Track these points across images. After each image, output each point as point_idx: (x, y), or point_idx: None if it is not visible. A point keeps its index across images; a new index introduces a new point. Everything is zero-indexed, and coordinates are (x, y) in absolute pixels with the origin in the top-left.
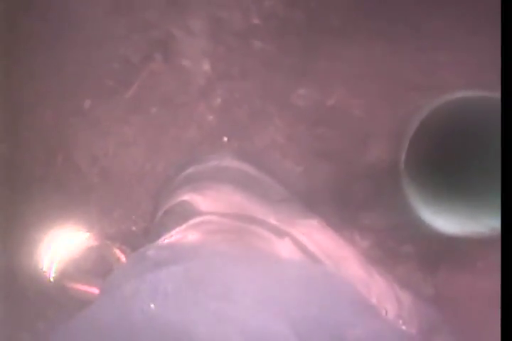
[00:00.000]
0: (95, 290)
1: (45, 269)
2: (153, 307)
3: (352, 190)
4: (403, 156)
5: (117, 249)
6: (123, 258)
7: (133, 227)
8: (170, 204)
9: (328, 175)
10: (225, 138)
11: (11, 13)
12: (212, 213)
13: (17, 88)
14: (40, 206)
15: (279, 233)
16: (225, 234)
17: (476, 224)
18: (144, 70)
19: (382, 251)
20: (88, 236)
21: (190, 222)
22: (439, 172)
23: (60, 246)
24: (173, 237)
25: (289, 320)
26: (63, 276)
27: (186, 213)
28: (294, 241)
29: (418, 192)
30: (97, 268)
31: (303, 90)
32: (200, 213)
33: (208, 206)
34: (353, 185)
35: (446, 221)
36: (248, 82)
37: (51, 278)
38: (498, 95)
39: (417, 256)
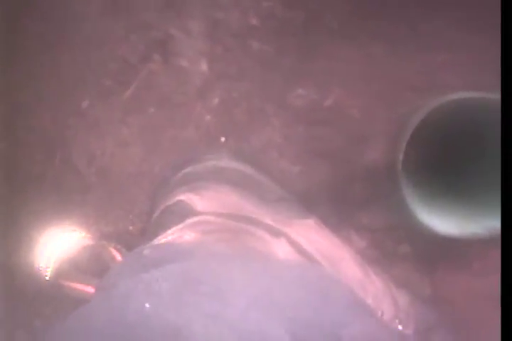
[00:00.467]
0: (91, 289)
1: (41, 268)
2: (148, 306)
3: (349, 190)
4: (401, 157)
5: (113, 248)
6: (118, 257)
7: (130, 227)
8: (167, 204)
9: (325, 175)
10: (222, 138)
11: (10, 14)
12: (208, 213)
13: (16, 88)
14: (37, 205)
15: (275, 233)
16: (221, 234)
17: (473, 225)
18: (142, 71)
19: (379, 251)
20: (85, 235)
21: (187, 222)
22: (436, 173)
23: (56, 244)
24: (169, 237)
25: (284, 320)
26: (59, 275)
27: (183, 213)
28: (290, 242)
29: (415, 192)
30: (93, 267)
31: (300, 90)
32: (197, 213)
33: (205, 206)
34: (350, 185)
35: (444, 221)
36: (246, 82)
37: (47, 276)
38: (496, 96)
39: (414, 256)
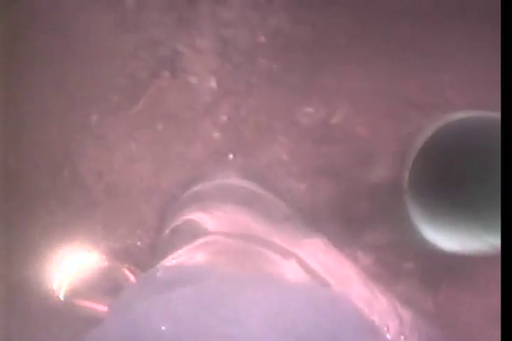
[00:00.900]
0: (103, 308)
1: (53, 286)
2: (164, 328)
3: (355, 208)
4: (407, 175)
5: (126, 268)
6: (131, 277)
7: (138, 242)
8: (177, 223)
9: (331, 192)
10: (230, 155)
11: (17, 28)
12: (218, 233)
13: (24, 102)
14: (45, 220)
15: (285, 254)
16: (231, 255)
17: (477, 242)
18: (151, 87)
19: (384, 268)
20: (96, 253)
21: (198, 242)
22: (441, 192)
23: (67, 263)
24: (180, 257)
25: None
26: (72, 294)
27: (193, 232)
28: (299, 262)
29: (420, 210)
30: (105, 286)
31: (308, 108)
32: (207, 233)
33: (215, 225)
34: (356, 203)
35: (448, 239)
36: (253, 99)
37: (60, 295)
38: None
39: (419, 273)
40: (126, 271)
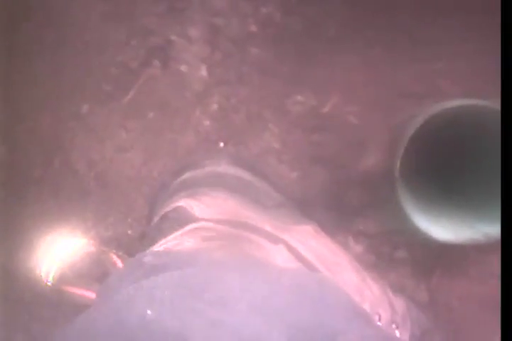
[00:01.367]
0: (91, 294)
1: (42, 273)
2: (150, 313)
3: (347, 196)
4: (398, 163)
5: (113, 253)
6: (119, 263)
7: (129, 231)
8: (166, 210)
9: (323, 181)
10: (221, 144)
11: (10, 19)
12: (207, 219)
13: (16, 92)
14: (36, 209)
15: (274, 240)
16: (220, 241)
17: (470, 231)
18: (142, 76)
19: (375, 256)
20: (84, 240)
21: (186, 228)
22: (433, 180)
23: (56, 250)
24: (169, 243)
25: (283, 326)
26: (61, 280)
27: (182, 219)
28: (288, 248)
29: (413, 198)
30: (93, 272)
31: (299, 97)
32: (196, 219)
33: (203, 212)
34: (348, 191)
35: (440, 227)
36: (245, 88)
37: (48, 282)
38: (494, 104)
39: (411, 261)
40: (114, 257)
